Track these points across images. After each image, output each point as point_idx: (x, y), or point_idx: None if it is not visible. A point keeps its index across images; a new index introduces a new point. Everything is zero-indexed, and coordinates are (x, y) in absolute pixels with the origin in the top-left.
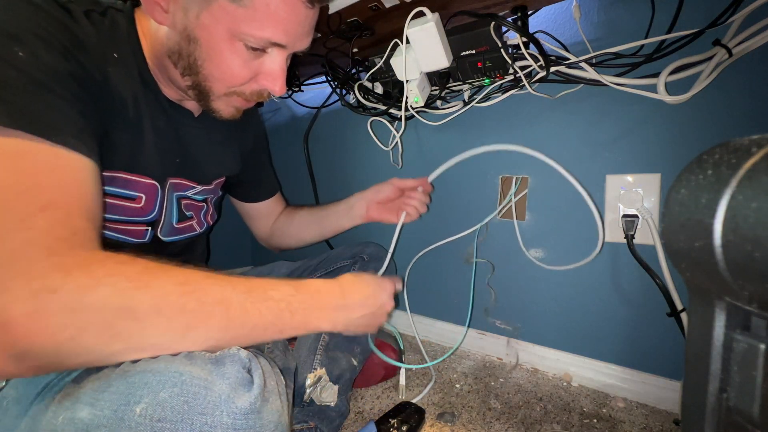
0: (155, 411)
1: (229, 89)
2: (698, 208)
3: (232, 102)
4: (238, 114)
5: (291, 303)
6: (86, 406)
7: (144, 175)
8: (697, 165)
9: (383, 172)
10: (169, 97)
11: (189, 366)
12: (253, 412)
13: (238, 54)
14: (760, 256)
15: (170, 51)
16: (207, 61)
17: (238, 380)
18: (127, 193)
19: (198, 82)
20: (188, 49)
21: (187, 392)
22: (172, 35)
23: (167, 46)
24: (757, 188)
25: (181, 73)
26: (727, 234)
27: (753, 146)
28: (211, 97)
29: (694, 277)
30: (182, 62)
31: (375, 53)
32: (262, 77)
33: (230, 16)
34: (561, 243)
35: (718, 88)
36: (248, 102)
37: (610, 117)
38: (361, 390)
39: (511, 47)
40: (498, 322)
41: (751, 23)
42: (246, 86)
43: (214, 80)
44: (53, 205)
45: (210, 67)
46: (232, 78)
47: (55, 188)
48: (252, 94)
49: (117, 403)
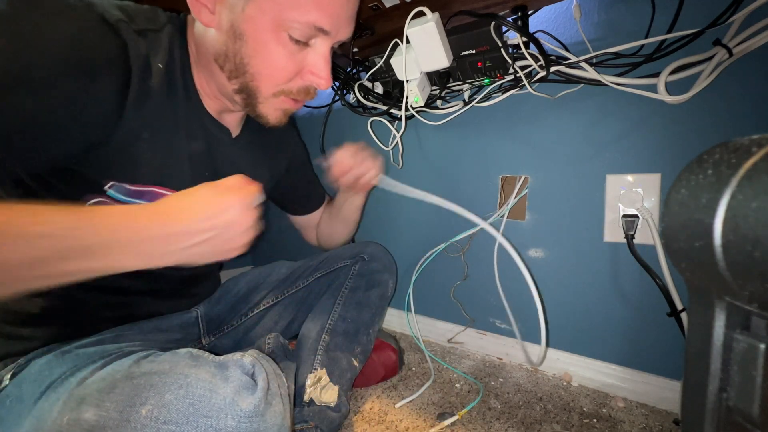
0: (161, 413)
1: (277, 87)
2: (698, 207)
3: (279, 104)
4: (285, 118)
5: (70, 241)
6: (91, 407)
7: (167, 187)
8: (697, 165)
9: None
10: (209, 110)
11: (194, 369)
12: (257, 415)
13: (284, 45)
14: (760, 256)
15: (217, 54)
16: (253, 58)
17: (242, 384)
18: None
19: (245, 83)
20: (234, 48)
21: (192, 395)
22: (218, 36)
23: (214, 48)
24: (757, 188)
25: (228, 77)
26: (727, 234)
27: (753, 146)
28: (258, 99)
29: (694, 277)
30: (229, 64)
31: (375, 53)
32: (306, 71)
33: (275, 3)
34: (561, 243)
35: (718, 88)
36: (296, 102)
37: (611, 117)
38: (360, 390)
39: (512, 47)
40: (498, 322)
41: (751, 23)
42: (292, 83)
43: (261, 78)
44: None
45: (257, 63)
46: (279, 72)
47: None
48: (299, 91)
49: (123, 404)
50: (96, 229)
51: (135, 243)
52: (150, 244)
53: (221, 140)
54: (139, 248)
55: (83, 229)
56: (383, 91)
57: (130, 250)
